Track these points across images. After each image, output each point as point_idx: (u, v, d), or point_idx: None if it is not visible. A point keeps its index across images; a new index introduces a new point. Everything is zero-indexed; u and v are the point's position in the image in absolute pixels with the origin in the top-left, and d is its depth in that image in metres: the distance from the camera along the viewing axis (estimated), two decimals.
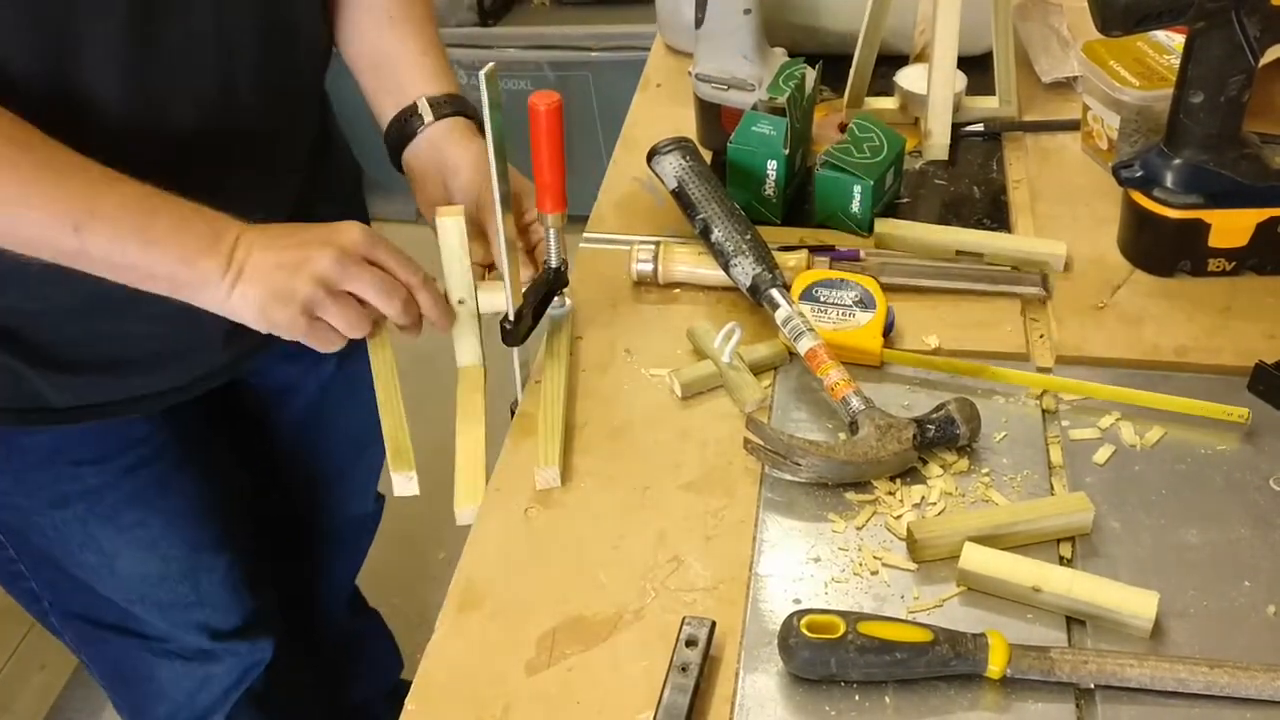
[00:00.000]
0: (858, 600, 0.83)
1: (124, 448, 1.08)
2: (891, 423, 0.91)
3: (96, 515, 1.09)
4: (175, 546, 1.14)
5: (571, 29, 2.67)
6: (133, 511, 1.10)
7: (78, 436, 1.05)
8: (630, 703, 0.77)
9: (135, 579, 1.14)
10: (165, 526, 1.13)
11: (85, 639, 1.21)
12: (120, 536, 1.11)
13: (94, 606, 1.16)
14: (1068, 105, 1.37)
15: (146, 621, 1.18)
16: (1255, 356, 0.98)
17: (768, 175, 1.17)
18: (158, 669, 1.22)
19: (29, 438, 1.04)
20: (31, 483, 1.06)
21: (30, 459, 1.05)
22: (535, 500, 0.92)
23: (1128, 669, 0.75)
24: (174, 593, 1.16)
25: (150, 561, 1.14)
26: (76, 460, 1.06)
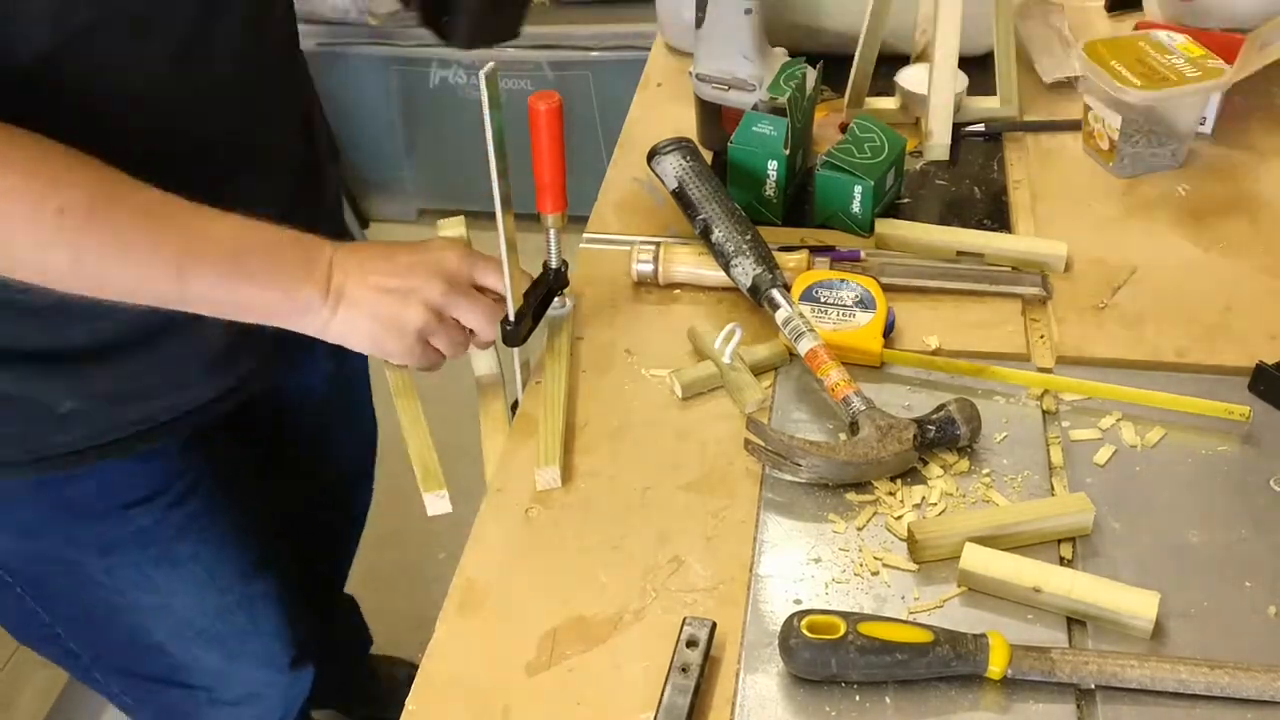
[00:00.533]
0: (858, 601, 0.82)
1: (167, 483, 1.07)
2: (892, 423, 0.91)
3: (150, 556, 1.08)
4: (228, 575, 1.14)
5: (571, 29, 2.66)
6: (185, 545, 1.10)
7: (123, 479, 1.04)
8: (631, 703, 0.77)
9: (194, 615, 1.14)
10: (217, 555, 1.13)
11: (130, 689, 1.21)
12: (175, 573, 1.10)
13: (139, 660, 1.16)
14: (1069, 105, 1.37)
15: (192, 671, 1.17)
16: (1256, 357, 0.98)
17: (768, 175, 1.17)
18: (204, 716, 1.22)
19: (74, 487, 1.02)
20: (81, 534, 1.05)
21: (77, 510, 1.03)
22: (536, 500, 0.92)
23: (1129, 670, 0.75)
24: (232, 624, 1.16)
25: (208, 594, 1.14)
26: (125, 503, 1.05)
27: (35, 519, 1.03)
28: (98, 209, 0.80)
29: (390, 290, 0.91)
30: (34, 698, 1.82)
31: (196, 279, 0.85)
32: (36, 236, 0.79)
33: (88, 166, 0.81)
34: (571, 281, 1.07)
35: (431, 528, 2.19)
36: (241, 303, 0.88)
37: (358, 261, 0.92)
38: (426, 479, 0.95)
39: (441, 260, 0.94)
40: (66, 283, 0.82)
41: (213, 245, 0.85)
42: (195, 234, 0.85)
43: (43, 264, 0.81)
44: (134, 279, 0.84)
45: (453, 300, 0.93)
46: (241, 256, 0.86)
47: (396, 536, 2.22)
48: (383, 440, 1.49)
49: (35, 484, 1.00)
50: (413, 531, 2.23)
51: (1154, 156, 1.24)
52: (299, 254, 0.90)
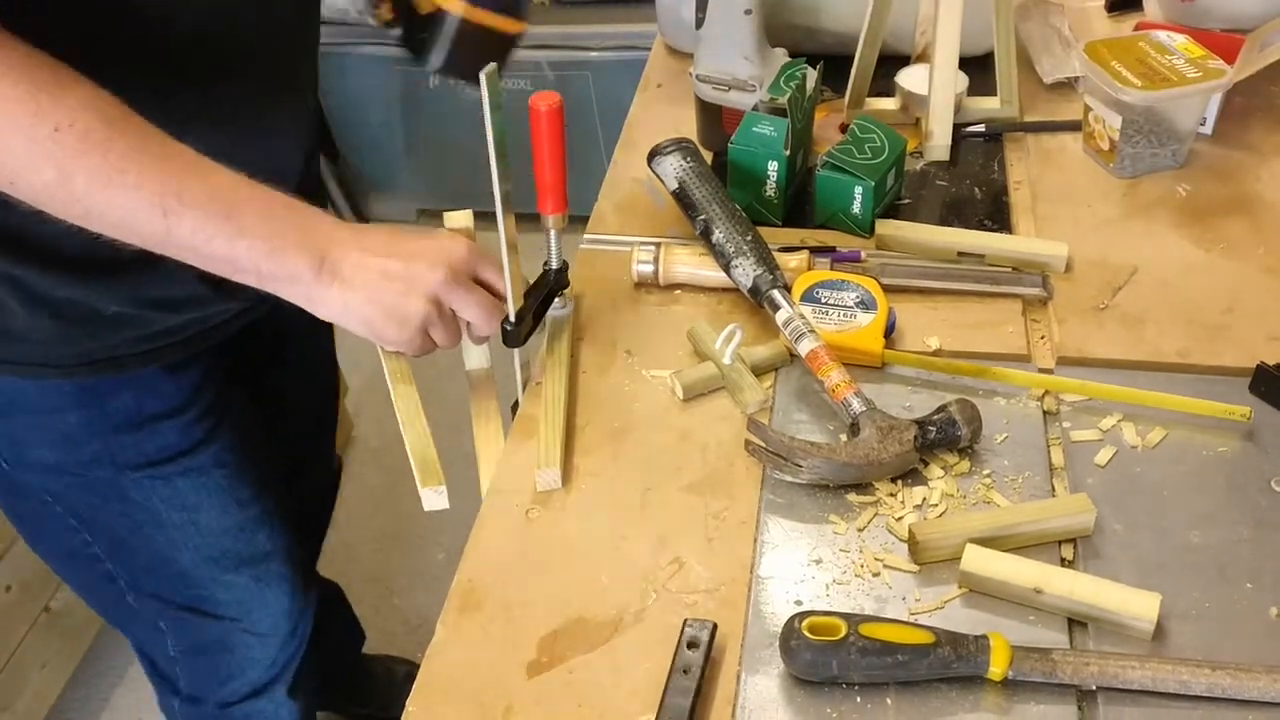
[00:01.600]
0: (859, 602, 0.82)
1: (190, 399, 1.11)
2: (893, 424, 0.91)
3: (180, 466, 1.12)
4: (246, 487, 1.18)
5: (571, 29, 2.66)
6: (209, 453, 1.14)
7: (156, 391, 1.08)
8: (631, 705, 0.77)
9: (219, 532, 1.17)
10: (236, 466, 1.16)
11: (162, 615, 1.24)
12: (202, 483, 1.14)
13: (168, 586, 1.19)
14: (1069, 106, 1.37)
15: (220, 600, 1.21)
16: (1257, 358, 0.98)
17: (769, 176, 1.17)
18: (233, 646, 1.26)
19: (115, 398, 1.05)
20: (118, 446, 1.08)
21: (116, 420, 1.07)
22: (536, 502, 0.92)
23: (1130, 671, 0.75)
24: (253, 543, 1.20)
25: (230, 509, 1.17)
26: (156, 415, 1.08)
27: (78, 426, 1.05)
28: (94, 133, 0.80)
29: (393, 276, 0.91)
30: (34, 697, 1.82)
31: (181, 222, 0.84)
32: (30, 149, 0.79)
33: (97, 94, 0.81)
34: (571, 282, 1.07)
35: (431, 528, 2.21)
36: (225, 256, 0.87)
37: (359, 241, 0.91)
38: (425, 474, 0.95)
39: (447, 250, 0.93)
40: (55, 204, 0.82)
41: (205, 192, 0.85)
42: (189, 177, 0.84)
43: (32, 180, 0.81)
44: (119, 211, 0.83)
45: (455, 292, 0.93)
46: (234, 208, 0.86)
47: (396, 536, 2.22)
48: (382, 441, 1.49)
49: (79, 391, 1.04)
50: (413, 531, 2.23)
51: (1154, 157, 1.24)
52: (295, 219, 0.89)
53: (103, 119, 0.81)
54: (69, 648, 1.89)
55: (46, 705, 1.87)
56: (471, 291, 0.94)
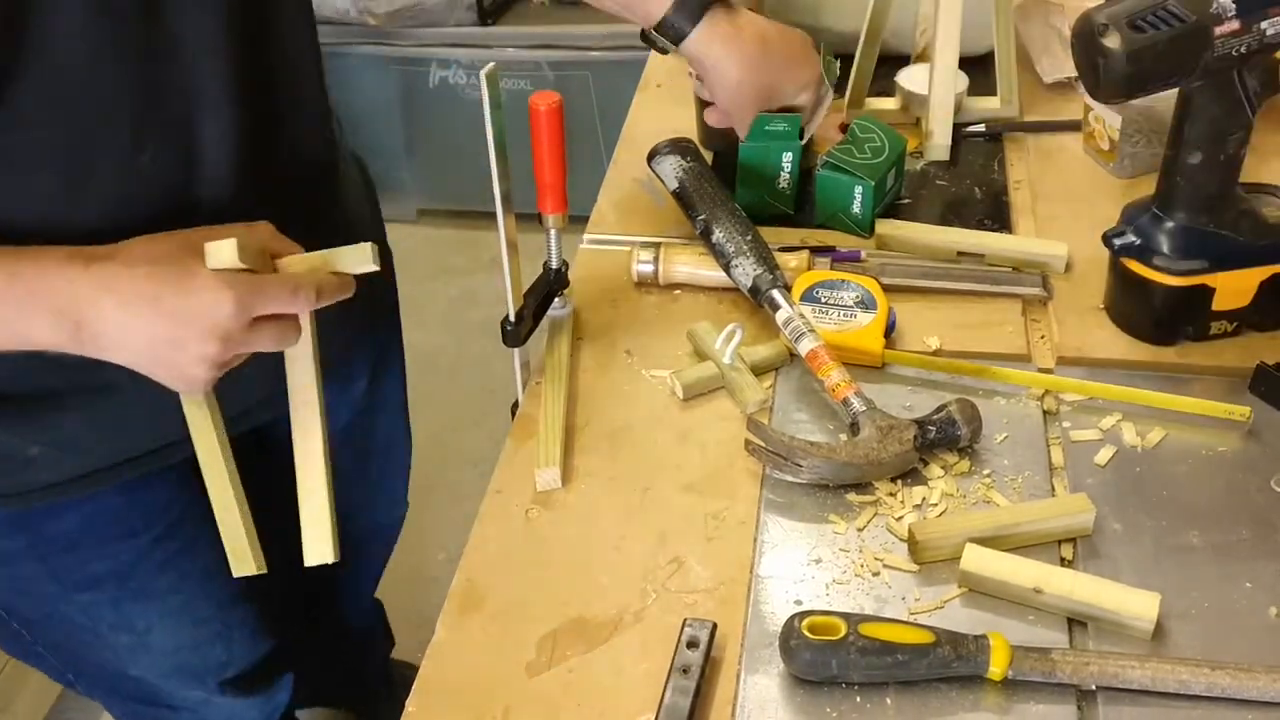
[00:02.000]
0: (859, 601, 0.82)
1: (152, 518, 1.03)
2: (893, 424, 0.91)
3: (129, 591, 1.04)
4: (206, 607, 1.11)
5: (571, 28, 2.66)
6: (165, 578, 1.06)
7: (108, 513, 1.00)
8: (631, 705, 0.77)
9: (169, 651, 1.11)
10: (196, 588, 1.09)
11: (117, 705, 1.21)
12: (154, 607, 1.07)
13: (122, 684, 1.14)
14: (1069, 105, 1.37)
15: (175, 694, 1.16)
16: (1256, 357, 0.98)
17: (783, 169, 1.16)
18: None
19: (56, 523, 0.97)
20: (61, 567, 1.00)
21: (59, 544, 0.99)
22: (536, 501, 0.92)
23: (1129, 670, 0.75)
24: (207, 659, 1.14)
25: (183, 629, 1.10)
26: (107, 538, 1.01)
27: (14, 549, 0.98)
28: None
29: (163, 340, 0.79)
30: (34, 698, 1.82)
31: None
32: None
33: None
34: (571, 282, 1.07)
35: (431, 529, 2.20)
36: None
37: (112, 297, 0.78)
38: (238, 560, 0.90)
39: (215, 312, 0.78)
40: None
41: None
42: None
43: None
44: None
45: (236, 348, 0.81)
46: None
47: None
48: None
49: (12, 519, 0.96)
50: (413, 531, 2.23)
51: (1154, 157, 1.23)
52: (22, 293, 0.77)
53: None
54: None
55: (46, 706, 1.86)
56: (253, 337, 0.81)
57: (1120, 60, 0.87)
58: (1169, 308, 0.99)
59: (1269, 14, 0.87)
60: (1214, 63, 0.88)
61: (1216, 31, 0.87)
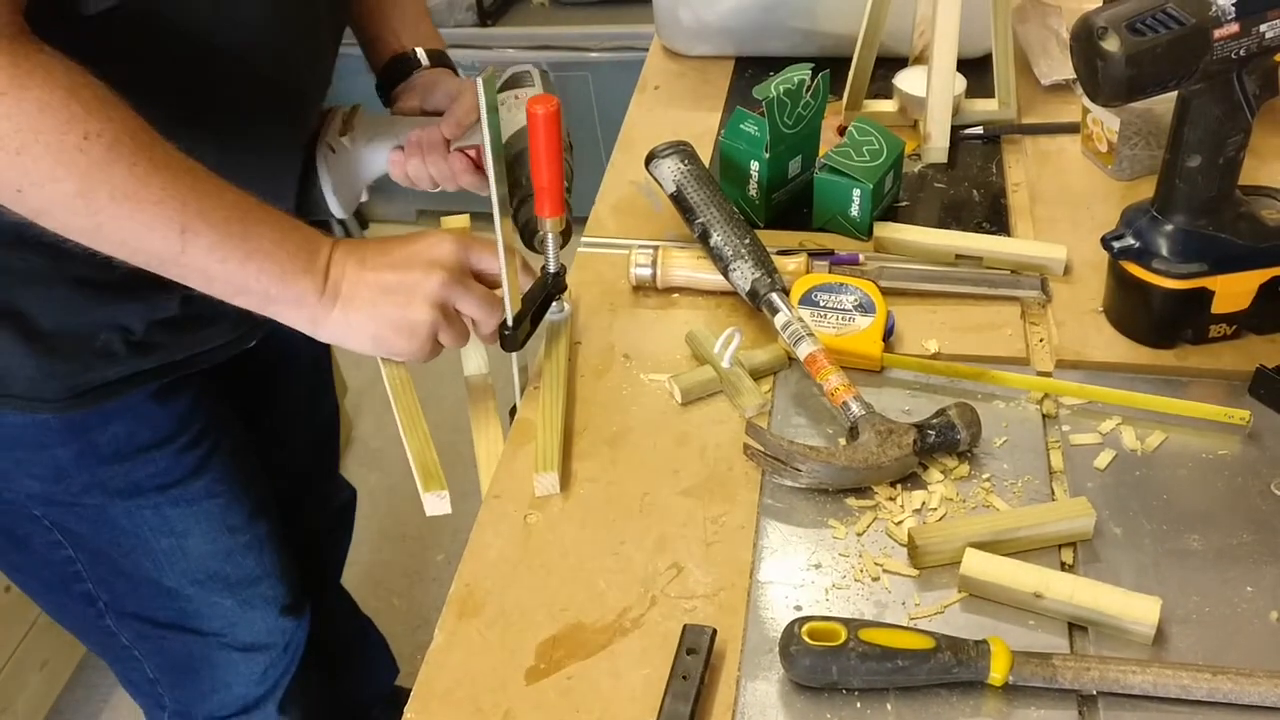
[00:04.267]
0: (859, 607, 0.82)
1: (181, 426, 1.10)
2: (892, 428, 0.91)
3: (170, 497, 1.11)
4: (238, 514, 1.16)
5: (570, 29, 2.66)
6: (199, 483, 1.12)
7: (146, 420, 1.07)
8: (630, 711, 0.76)
9: (207, 557, 1.16)
10: (228, 494, 1.15)
11: (142, 636, 1.22)
12: (192, 511, 1.13)
13: (151, 604, 1.18)
14: (1067, 108, 1.37)
15: (204, 617, 1.19)
16: (1256, 360, 0.97)
17: (751, 175, 1.17)
18: (216, 661, 1.24)
19: (103, 431, 1.04)
20: (108, 476, 1.07)
21: (105, 452, 1.06)
22: (534, 506, 0.92)
23: (1130, 676, 0.75)
24: (241, 567, 1.19)
25: (220, 536, 1.16)
26: (146, 444, 1.07)
27: (67, 460, 1.04)
28: (122, 145, 0.80)
29: (392, 289, 0.91)
30: (34, 698, 1.82)
31: (197, 240, 0.84)
32: (54, 157, 0.78)
33: (124, 111, 0.81)
34: (569, 285, 1.07)
35: (431, 530, 2.20)
36: (235, 278, 0.87)
37: (356, 257, 0.91)
38: (426, 479, 0.94)
39: (438, 249, 0.93)
40: (67, 216, 0.82)
41: (223, 211, 0.85)
42: (208, 196, 0.85)
43: (49, 191, 0.80)
44: (136, 226, 0.83)
45: (455, 291, 0.93)
46: (249, 229, 0.86)
47: (397, 537, 2.22)
48: (382, 442, 1.49)
49: (68, 424, 1.02)
50: (413, 532, 2.23)
51: (1153, 159, 1.23)
52: (302, 241, 0.89)
53: (129, 131, 0.81)
54: (68, 648, 1.89)
55: (46, 706, 1.87)
56: (471, 287, 0.94)
57: (1119, 63, 0.86)
58: (1168, 311, 0.99)
59: (1268, 17, 0.87)
60: (1213, 65, 0.88)
61: (1215, 34, 0.87)
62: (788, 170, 1.19)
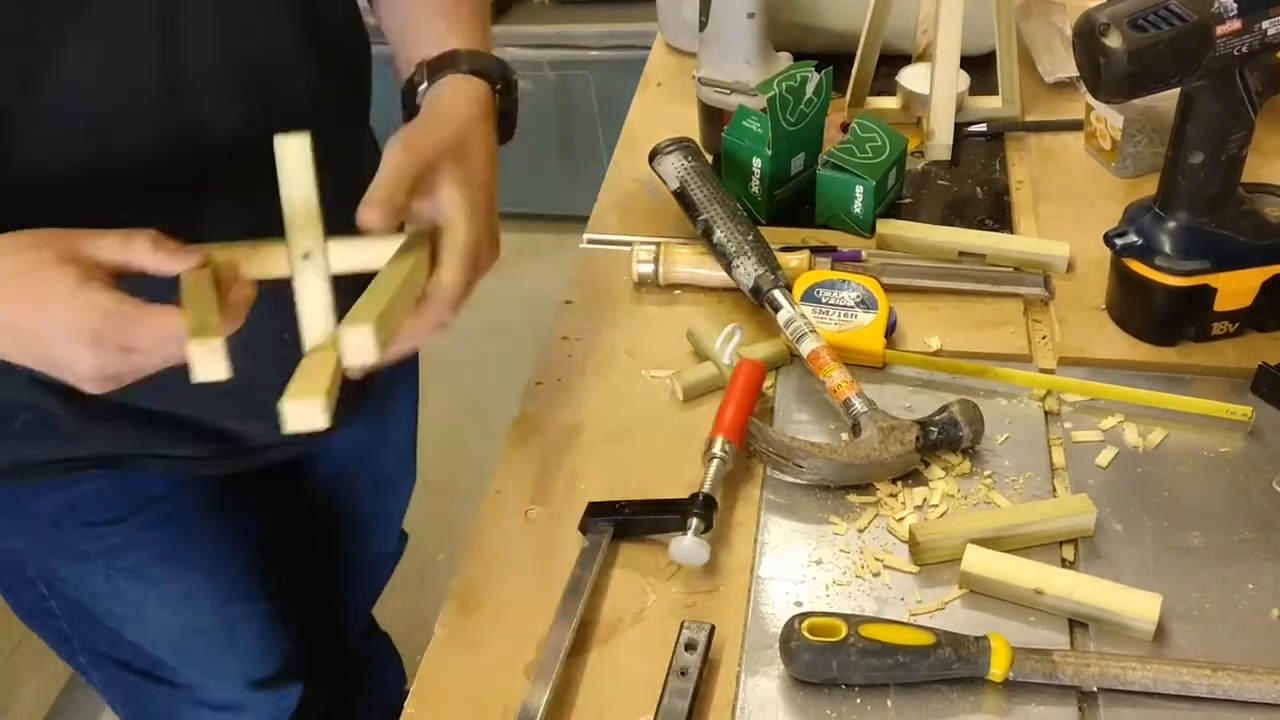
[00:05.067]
0: (859, 603, 0.82)
1: (141, 505, 0.99)
2: (894, 424, 0.91)
3: (122, 570, 1.01)
4: (208, 599, 1.07)
5: (571, 28, 2.66)
6: (163, 568, 1.02)
7: (94, 497, 0.96)
8: (630, 706, 0.76)
9: (166, 630, 1.08)
10: (199, 581, 1.05)
11: (114, 681, 1.16)
12: (150, 591, 1.04)
13: (122, 651, 1.11)
14: (1071, 105, 1.36)
15: (176, 670, 1.13)
16: (1258, 358, 0.97)
17: (753, 172, 1.16)
18: (185, 716, 1.17)
19: (42, 500, 0.96)
20: (49, 542, 1.00)
21: (41, 522, 0.98)
22: (535, 502, 0.92)
23: (1131, 672, 0.75)
24: (208, 643, 1.11)
25: (183, 614, 1.07)
26: (94, 521, 0.98)
27: (4, 525, 0.99)
28: None
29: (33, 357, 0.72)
30: (33, 698, 1.82)
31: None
32: None
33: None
34: (571, 283, 1.06)
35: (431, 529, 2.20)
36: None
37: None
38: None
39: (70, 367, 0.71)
40: None
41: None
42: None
43: None
44: None
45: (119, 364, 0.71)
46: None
47: None
48: None
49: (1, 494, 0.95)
50: (412, 532, 2.23)
51: (1156, 156, 1.23)
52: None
53: None
54: None
55: (45, 707, 1.86)
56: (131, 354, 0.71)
57: (1122, 60, 0.86)
58: (1170, 308, 0.99)
59: (1270, 13, 0.87)
60: (1215, 62, 0.88)
61: (1218, 31, 0.86)
62: (790, 167, 1.19)
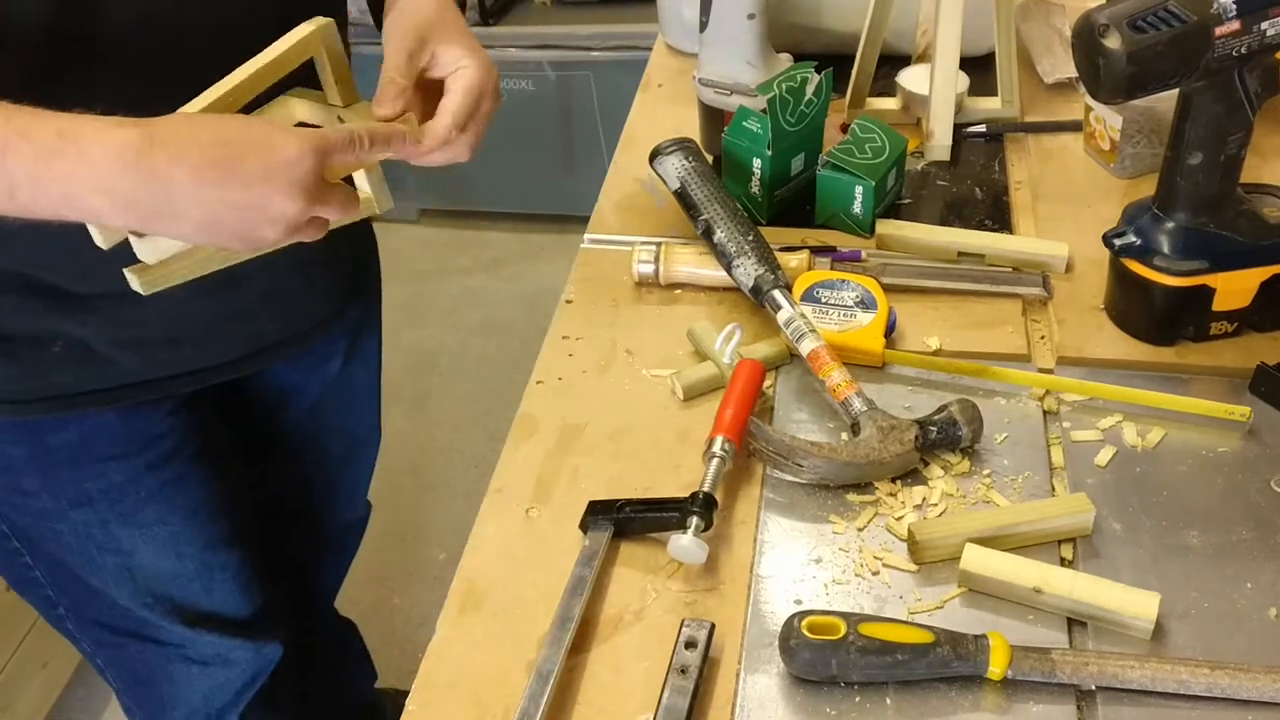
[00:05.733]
0: (859, 601, 0.82)
1: (147, 443, 1.05)
2: (894, 424, 0.91)
3: (118, 513, 1.06)
4: (190, 544, 1.12)
5: (572, 29, 2.67)
6: (154, 508, 1.08)
7: (105, 431, 1.02)
8: (631, 704, 0.77)
9: (151, 577, 1.12)
10: (184, 523, 1.10)
11: (102, 644, 1.20)
12: (140, 534, 1.08)
13: (110, 613, 1.15)
14: (1070, 106, 1.37)
15: (162, 627, 1.16)
16: (1257, 358, 0.98)
17: (753, 173, 1.17)
18: (175, 673, 1.20)
19: (57, 435, 1.01)
20: (58, 481, 1.04)
21: (58, 456, 1.02)
22: (536, 500, 0.92)
23: (1129, 670, 0.75)
24: (186, 590, 1.14)
25: (166, 559, 1.11)
26: (103, 456, 1.03)
27: (17, 457, 1.02)
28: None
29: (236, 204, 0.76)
30: (36, 697, 1.82)
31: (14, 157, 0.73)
32: None
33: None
34: (572, 283, 1.07)
35: (432, 528, 2.21)
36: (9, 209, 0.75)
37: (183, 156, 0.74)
38: None
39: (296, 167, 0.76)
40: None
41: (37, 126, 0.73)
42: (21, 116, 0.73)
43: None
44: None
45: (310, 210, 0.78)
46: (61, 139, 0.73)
47: (397, 536, 2.22)
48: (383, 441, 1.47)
49: (20, 425, 1.00)
50: (413, 531, 2.23)
51: (1155, 157, 1.24)
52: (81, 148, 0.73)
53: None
54: (70, 648, 1.88)
55: (48, 705, 1.87)
56: (329, 199, 0.79)
57: (1121, 60, 0.87)
58: (1169, 308, 0.99)
59: (1269, 14, 0.87)
60: (1214, 63, 0.88)
61: (1217, 32, 0.87)
62: (790, 167, 1.20)
